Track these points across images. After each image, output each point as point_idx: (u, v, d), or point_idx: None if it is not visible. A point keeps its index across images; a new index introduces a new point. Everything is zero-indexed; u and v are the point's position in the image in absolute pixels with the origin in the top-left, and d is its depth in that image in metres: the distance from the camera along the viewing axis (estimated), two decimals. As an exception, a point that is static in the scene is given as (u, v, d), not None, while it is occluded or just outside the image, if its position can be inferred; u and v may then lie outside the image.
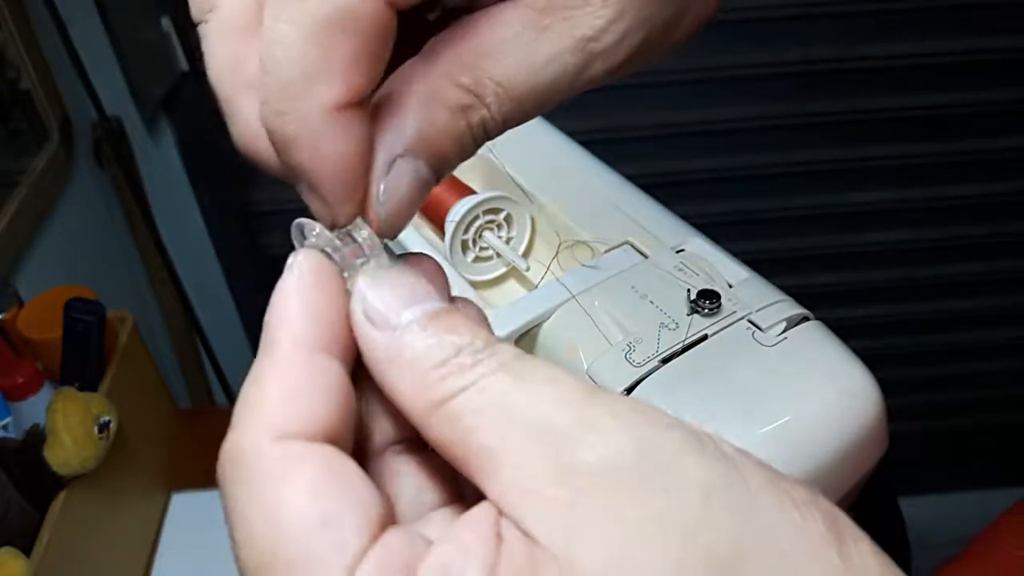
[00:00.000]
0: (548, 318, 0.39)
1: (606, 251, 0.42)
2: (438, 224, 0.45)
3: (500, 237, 0.45)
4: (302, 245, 0.19)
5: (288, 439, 0.16)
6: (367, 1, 0.16)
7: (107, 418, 0.58)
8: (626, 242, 0.42)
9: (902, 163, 1.08)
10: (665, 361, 0.35)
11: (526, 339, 0.39)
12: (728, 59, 0.95)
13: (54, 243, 0.81)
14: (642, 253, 0.42)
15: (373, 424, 0.19)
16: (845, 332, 0.37)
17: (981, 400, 1.36)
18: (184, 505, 0.75)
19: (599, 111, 0.97)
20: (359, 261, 0.18)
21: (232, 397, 1.18)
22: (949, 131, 1.05)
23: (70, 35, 0.84)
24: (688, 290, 0.37)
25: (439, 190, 0.46)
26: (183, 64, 0.93)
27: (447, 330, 0.17)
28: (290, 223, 0.20)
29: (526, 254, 0.46)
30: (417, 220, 0.48)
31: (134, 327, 0.71)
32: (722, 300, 0.37)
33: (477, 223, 0.44)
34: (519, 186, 0.46)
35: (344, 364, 0.17)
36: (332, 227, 0.18)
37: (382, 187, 0.18)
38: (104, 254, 0.96)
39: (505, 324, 0.39)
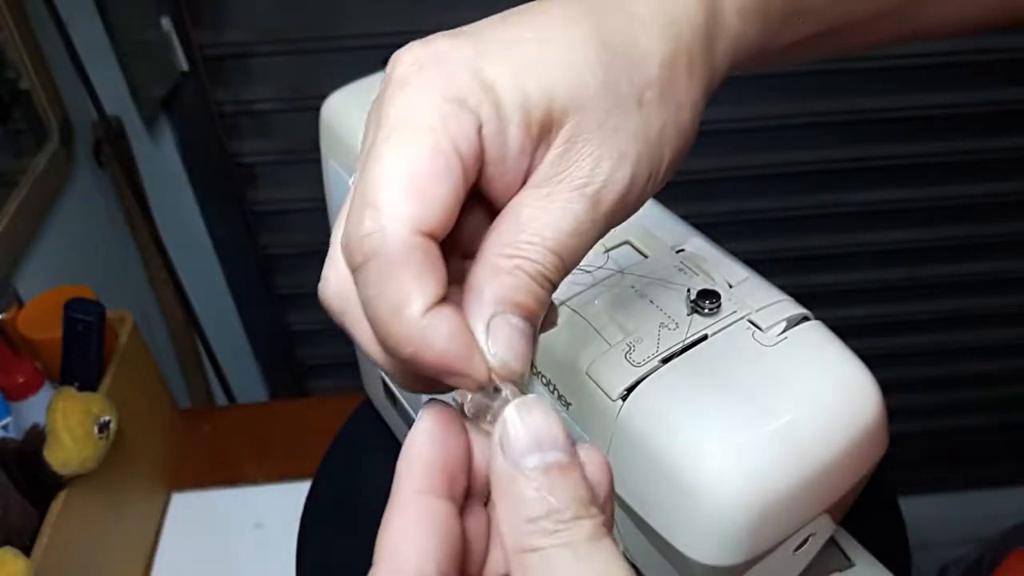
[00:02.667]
0: (548, 318, 0.39)
1: (606, 251, 0.42)
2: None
3: (500, 237, 0.45)
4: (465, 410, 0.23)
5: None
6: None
7: (107, 418, 0.58)
8: (626, 242, 0.42)
9: (902, 163, 1.08)
10: (665, 361, 0.35)
11: (526, 339, 0.39)
12: (728, 59, 0.95)
13: (54, 243, 0.81)
14: (642, 253, 0.42)
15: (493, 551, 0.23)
16: (845, 332, 0.37)
17: (981, 400, 1.36)
18: (184, 505, 0.75)
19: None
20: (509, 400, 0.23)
21: (232, 397, 1.18)
22: (949, 131, 1.05)
23: (70, 35, 0.84)
24: (688, 290, 0.37)
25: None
26: (183, 64, 0.93)
27: (551, 488, 0.20)
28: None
29: (526, 254, 0.46)
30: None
31: (134, 327, 0.71)
32: (722, 300, 0.37)
33: (477, 223, 0.44)
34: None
35: (455, 502, 0.22)
36: (479, 389, 0.23)
37: (489, 343, 0.22)
38: (104, 254, 0.96)
39: (505, 324, 0.38)
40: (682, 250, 0.41)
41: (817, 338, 0.36)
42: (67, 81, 0.85)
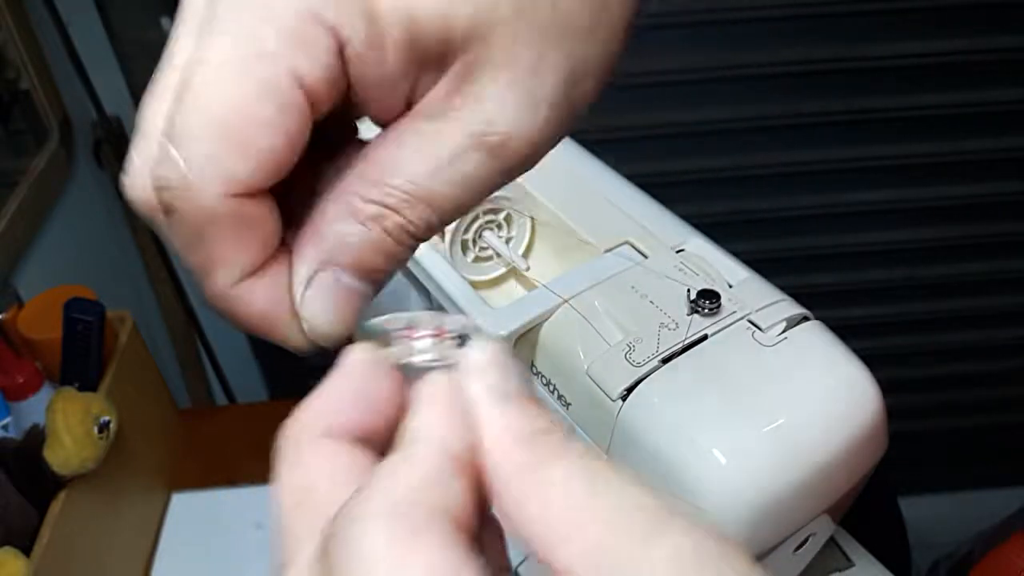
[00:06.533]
0: (548, 318, 0.39)
1: (606, 251, 0.42)
2: (438, 224, 0.45)
3: (500, 237, 0.45)
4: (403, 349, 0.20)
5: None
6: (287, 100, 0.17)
7: (107, 418, 0.58)
8: (626, 242, 0.42)
9: (902, 163, 1.08)
10: (665, 361, 0.35)
11: (526, 339, 0.39)
12: (728, 59, 0.95)
13: (54, 243, 0.81)
14: (642, 253, 0.42)
15: None
16: (845, 332, 0.37)
17: (981, 400, 1.36)
18: (184, 505, 0.75)
19: (598, 111, 0.97)
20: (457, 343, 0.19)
21: (232, 397, 1.18)
22: (949, 131, 1.05)
23: (70, 35, 0.84)
24: (688, 290, 0.37)
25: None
26: (183, 64, 0.93)
27: (543, 410, 0.17)
28: None
29: (526, 254, 0.46)
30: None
31: (134, 327, 0.71)
32: (722, 300, 0.37)
33: (477, 223, 0.44)
34: (519, 186, 0.46)
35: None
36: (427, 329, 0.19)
37: (305, 297, 0.19)
38: (104, 254, 0.96)
39: (505, 324, 0.39)
40: (682, 250, 0.41)
41: (817, 338, 0.36)
42: (67, 81, 0.85)
